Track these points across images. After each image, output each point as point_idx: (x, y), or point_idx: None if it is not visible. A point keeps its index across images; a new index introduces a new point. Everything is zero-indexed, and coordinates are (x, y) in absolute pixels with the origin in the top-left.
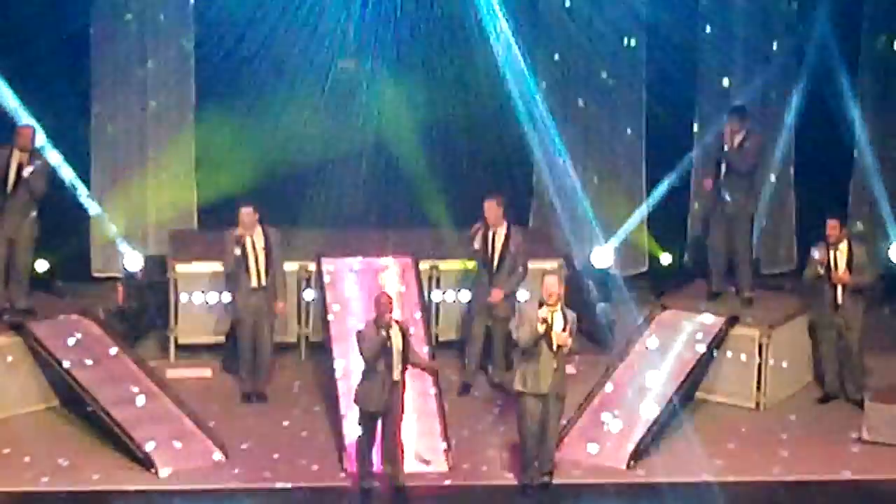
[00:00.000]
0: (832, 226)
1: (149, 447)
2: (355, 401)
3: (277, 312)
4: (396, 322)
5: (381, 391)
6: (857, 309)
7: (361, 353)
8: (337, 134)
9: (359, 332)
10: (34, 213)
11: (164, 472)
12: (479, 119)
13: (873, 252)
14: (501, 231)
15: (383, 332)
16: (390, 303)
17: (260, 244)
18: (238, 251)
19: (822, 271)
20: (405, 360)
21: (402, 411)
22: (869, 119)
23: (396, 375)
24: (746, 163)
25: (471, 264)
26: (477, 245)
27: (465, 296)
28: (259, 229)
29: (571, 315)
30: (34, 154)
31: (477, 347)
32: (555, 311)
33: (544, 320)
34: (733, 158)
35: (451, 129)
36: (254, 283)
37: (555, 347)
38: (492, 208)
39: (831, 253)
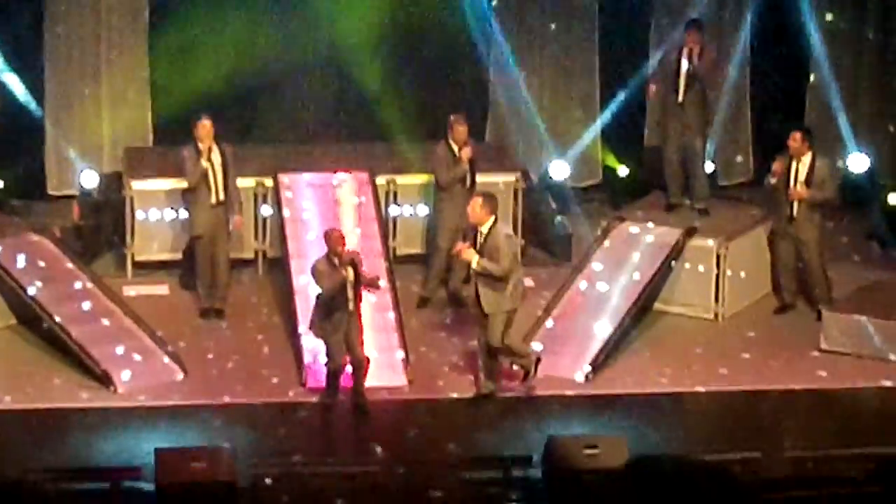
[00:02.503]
0: (794, 137)
1: (106, 364)
2: (316, 333)
3: (236, 228)
4: (349, 254)
5: (340, 323)
6: (812, 223)
7: (323, 290)
8: (292, 49)
9: (314, 270)
10: None
11: (122, 389)
12: (435, 34)
13: (836, 169)
14: (467, 149)
15: (342, 272)
16: (342, 238)
17: (217, 160)
18: (204, 163)
19: (773, 181)
20: (357, 291)
21: (361, 334)
22: (824, 29)
23: (352, 307)
24: (711, 75)
25: (428, 180)
26: (459, 172)
27: (423, 210)
28: (214, 146)
29: (499, 236)
30: None
31: (441, 262)
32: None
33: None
34: (699, 71)
35: (407, 44)
36: (213, 200)
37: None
38: (463, 131)
39: (793, 165)
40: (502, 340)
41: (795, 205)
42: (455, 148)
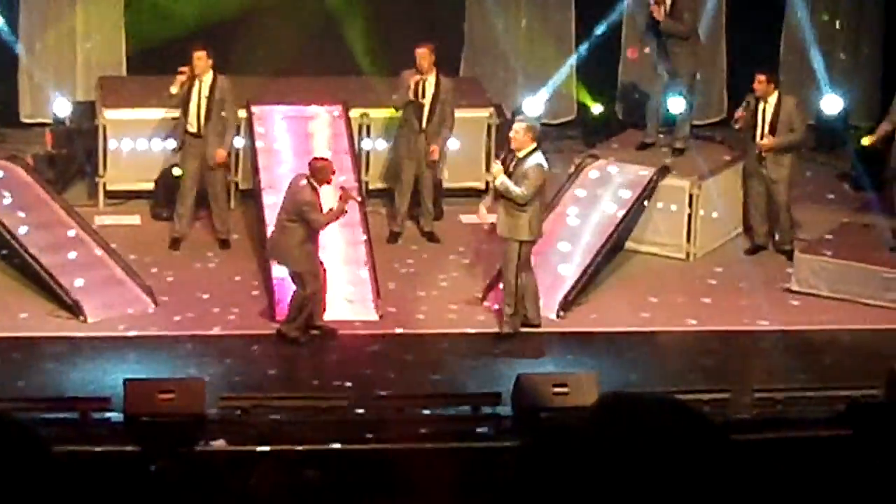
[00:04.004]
0: (759, 80)
1: (77, 294)
2: (289, 263)
3: (216, 160)
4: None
5: (315, 254)
6: (782, 164)
7: (314, 222)
8: None
9: (306, 201)
10: None
11: (92, 318)
12: None
13: (804, 106)
14: (431, 79)
15: (342, 203)
16: (333, 168)
17: (205, 91)
18: (175, 89)
19: (737, 126)
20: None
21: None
22: None
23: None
24: (685, 26)
25: (396, 113)
26: (409, 96)
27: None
28: (209, 75)
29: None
30: None
31: (406, 196)
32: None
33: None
34: (669, 27)
35: None
36: (192, 129)
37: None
38: (424, 56)
39: (759, 106)
40: (516, 277)
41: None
42: (419, 75)
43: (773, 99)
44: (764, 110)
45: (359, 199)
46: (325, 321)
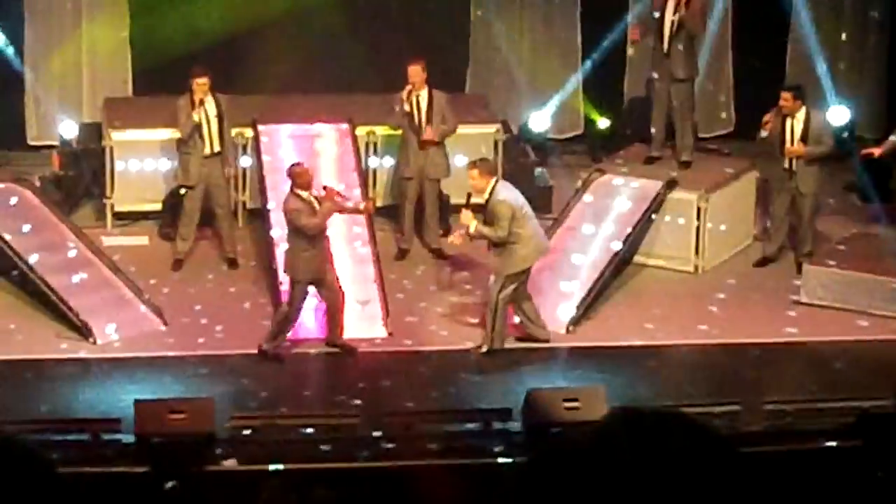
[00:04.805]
0: (784, 97)
1: (86, 315)
2: (290, 272)
3: (229, 178)
4: (330, 193)
5: (310, 264)
6: (812, 176)
7: (306, 227)
8: None
9: (291, 209)
10: None
11: (101, 339)
12: None
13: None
14: (424, 94)
15: (316, 207)
16: (308, 171)
17: (213, 112)
18: (197, 118)
19: (763, 134)
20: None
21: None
22: None
23: (324, 244)
24: (701, 24)
25: (397, 131)
26: (405, 108)
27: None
28: (210, 97)
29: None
30: None
31: (411, 213)
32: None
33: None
34: (687, 21)
35: None
36: (207, 150)
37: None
38: (416, 73)
39: (787, 122)
40: (498, 296)
41: (794, 159)
42: (411, 92)
43: (800, 115)
44: (792, 126)
45: (342, 186)
46: (344, 339)
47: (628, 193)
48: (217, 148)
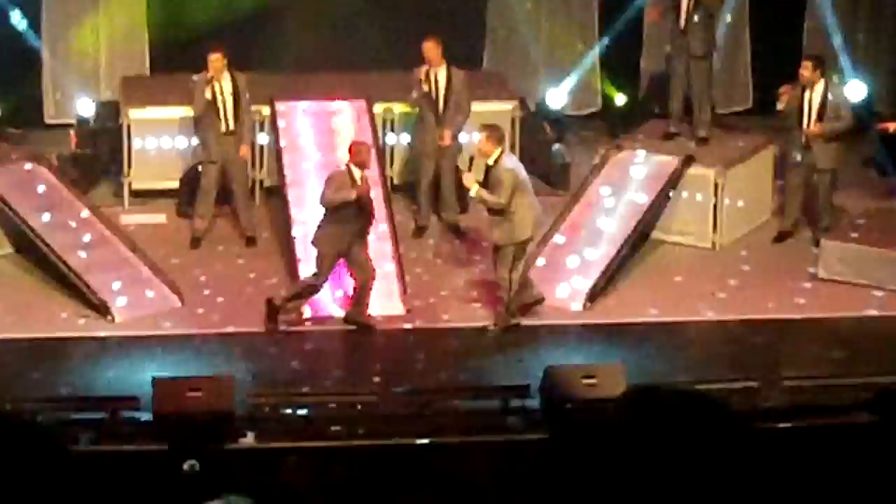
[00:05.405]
0: (805, 66)
1: (104, 293)
2: (315, 242)
3: (241, 157)
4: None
5: (338, 240)
6: (830, 151)
7: (322, 194)
8: None
9: (330, 176)
10: None
11: (119, 317)
12: None
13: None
14: (442, 71)
15: (357, 189)
16: (370, 154)
17: (228, 89)
18: (209, 95)
19: (780, 106)
20: (369, 210)
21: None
22: None
23: (360, 227)
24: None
25: (415, 109)
26: (424, 88)
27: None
28: (227, 74)
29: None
30: None
31: (428, 190)
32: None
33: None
34: None
35: None
36: (223, 128)
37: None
38: (431, 49)
39: (805, 94)
40: (509, 274)
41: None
42: (430, 69)
43: (819, 87)
44: (811, 99)
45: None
46: (367, 317)
47: (646, 170)
48: (232, 126)
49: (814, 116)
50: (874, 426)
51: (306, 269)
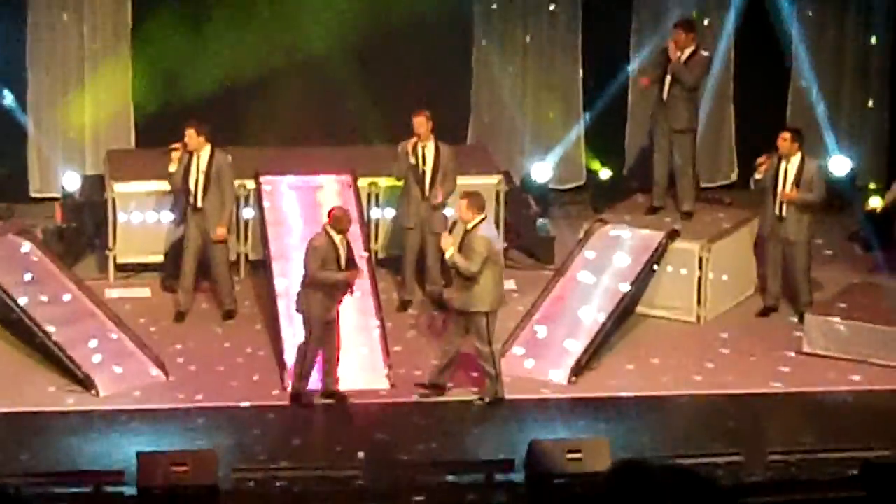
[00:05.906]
0: (783, 137)
1: (89, 367)
2: (305, 309)
3: (216, 238)
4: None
5: (329, 309)
6: (802, 224)
7: (308, 267)
8: (273, 51)
9: (313, 248)
10: None
11: (104, 391)
12: (417, 36)
13: (823, 173)
14: (431, 145)
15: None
16: (349, 221)
17: (202, 166)
18: (174, 167)
19: (758, 176)
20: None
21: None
22: (806, 30)
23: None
24: (693, 77)
25: (399, 182)
26: (411, 160)
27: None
28: (207, 150)
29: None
30: None
31: (412, 264)
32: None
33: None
34: (679, 71)
35: (389, 45)
36: (192, 202)
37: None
38: (421, 123)
39: (782, 165)
40: (490, 345)
41: (784, 205)
42: (417, 144)
43: (795, 159)
44: (786, 170)
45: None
46: (338, 389)
47: (630, 244)
48: (199, 204)
49: (789, 188)
50: (860, 501)
51: (290, 343)
